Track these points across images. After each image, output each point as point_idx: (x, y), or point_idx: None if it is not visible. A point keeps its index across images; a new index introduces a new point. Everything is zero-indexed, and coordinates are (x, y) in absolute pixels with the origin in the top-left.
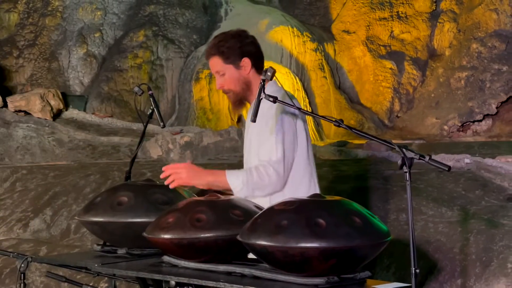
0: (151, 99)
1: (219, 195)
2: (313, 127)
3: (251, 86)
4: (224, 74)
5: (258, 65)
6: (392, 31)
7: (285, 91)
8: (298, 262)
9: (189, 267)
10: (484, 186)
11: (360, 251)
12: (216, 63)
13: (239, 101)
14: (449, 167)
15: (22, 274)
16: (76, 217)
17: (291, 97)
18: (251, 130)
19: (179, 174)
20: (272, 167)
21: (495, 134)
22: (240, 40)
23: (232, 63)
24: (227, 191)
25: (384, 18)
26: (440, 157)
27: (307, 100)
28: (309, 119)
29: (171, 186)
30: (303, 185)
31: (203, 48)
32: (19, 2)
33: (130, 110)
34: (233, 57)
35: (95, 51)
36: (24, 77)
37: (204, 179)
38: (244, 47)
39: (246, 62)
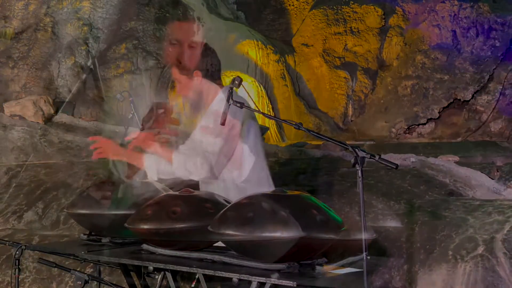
0: (131, 105)
1: (191, 190)
2: (276, 129)
3: (202, 94)
4: (180, 82)
5: (212, 76)
6: (346, 44)
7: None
8: (262, 250)
9: (165, 254)
10: (427, 182)
11: (318, 240)
12: (174, 72)
13: (195, 105)
14: (397, 165)
15: (17, 260)
16: (65, 210)
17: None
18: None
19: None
20: (207, 158)
21: (437, 136)
22: None
23: (185, 74)
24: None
25: (339, 33)
26: (388, 156)
27: (270, 105)
28: (272, 122)
29: (94, 157)
30: (263, 181)
31: None
32: (14, 19)
33: (113, 115)
34: (186, 69)
35: (82, 62)
36: (19, 85)
37: (123, 156)
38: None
39: (197, 74)
